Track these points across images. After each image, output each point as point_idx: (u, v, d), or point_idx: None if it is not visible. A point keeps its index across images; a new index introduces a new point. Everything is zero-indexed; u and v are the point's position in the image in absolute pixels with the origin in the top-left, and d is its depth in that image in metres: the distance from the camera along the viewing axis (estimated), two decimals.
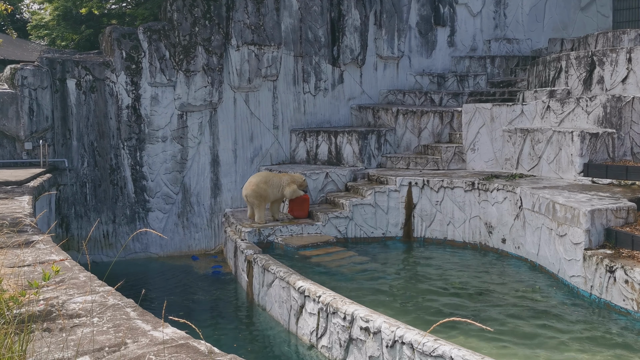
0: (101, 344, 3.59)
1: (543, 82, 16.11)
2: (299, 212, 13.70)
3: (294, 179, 13.32)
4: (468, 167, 15.01)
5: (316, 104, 17.29)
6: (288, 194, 13.16)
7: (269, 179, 13.12)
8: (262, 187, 12.90)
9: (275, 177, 13.27)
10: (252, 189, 12.87)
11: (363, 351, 7.65)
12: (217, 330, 10.23)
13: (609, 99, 12.89)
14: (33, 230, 7.04)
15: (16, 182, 11.03)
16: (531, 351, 7.60)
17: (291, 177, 13.40)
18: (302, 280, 9.36)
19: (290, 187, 13.12)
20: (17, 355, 3.23)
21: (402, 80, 18.60)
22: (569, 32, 20.22)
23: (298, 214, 13.71)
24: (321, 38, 17.22)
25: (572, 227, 9.81)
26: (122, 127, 14.98)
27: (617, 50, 14.06)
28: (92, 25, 18.78)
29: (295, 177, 13.42)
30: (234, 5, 15.92)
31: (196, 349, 3.49)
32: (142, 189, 15.22)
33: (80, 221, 14.70)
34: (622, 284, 8.60)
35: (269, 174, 13.42)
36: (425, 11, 18.88)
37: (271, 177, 13.23)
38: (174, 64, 15.33)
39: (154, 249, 15.31)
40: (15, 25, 26.17)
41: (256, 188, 12.86)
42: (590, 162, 12.25)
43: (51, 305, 4.28)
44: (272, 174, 13.48)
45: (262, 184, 12.90)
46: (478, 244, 13.05)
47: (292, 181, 13.24)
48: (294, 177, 13.43)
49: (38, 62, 14.52)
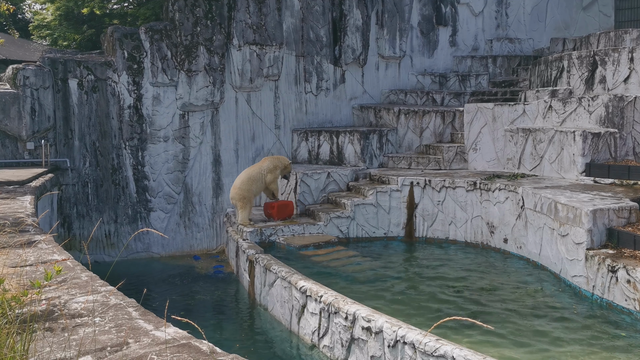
0: (103, 343, 3.60)
1: (545, 81, 16.10)
2: (278, 215, 13.37)
3: (275, 164, 12.93)
4: (470, 167, 15.00)
5: (318, 104, 17.29)
6: (269, 180, 12.93)
7: (250, 174, 12.88)
8: (246, 187, 12.70)
9: (254, 169, 13.01)
10: (236, 192, 12.71)
11: (365, 351, 7.64)
12: (219, 330, 10.24)
13: (611, 99, 12.87)
14: (35, 230, 7.04)
15: (18, 182, 11.04)
16: (533, 351, 7.59)
17: (273, 160, 13.03)
18: (303, 280, 9.36)
19: (272, 173, 12.86)
20: (19, 355, 3.23)
21: (403, 80, 18.59)
22: (571, 31, 20.20)
23: (277, 216, 13.36)
24: (323, 38, 17.21)
25: (574, 227, 9.80)
26: (124, 127, 14.99)
27: (619, 49, 14.04)
28: (93, 25, 18.81)
29: (278, 161, 13.04)
30: (235, 5, 15.93)
31: (198, 348, 3.49)
32: (144, 188, 15.24)
33: (82, 221, 14.72)
34: (624, 284, 8.59)
35: (249, 170, 13.12)
36: (427, 11, 18.87)
37: (251, 171, 12.98)
38: (175, 64, 15.34)
39: (155, 248, 15.32)
40: (17, 25, 26.22)
41: (240, 191, 12.68)
42: (592, 162, 12.23)
43: (53, 305, 4.28)
44: (252, 168, 13.18)
45: (245, 185, 12.72)
46: (480, 244, 13.04)
47: (275, 166, 12.94)
48: (278, 161, 13.02)
49: (40, 62, 14.53)
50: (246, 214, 12.92)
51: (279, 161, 13.23)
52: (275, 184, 13.22)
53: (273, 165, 13.07)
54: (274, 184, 13.18)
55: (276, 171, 13.06)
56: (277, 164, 13.14)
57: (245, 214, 12.89)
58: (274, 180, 13.07)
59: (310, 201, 14.52)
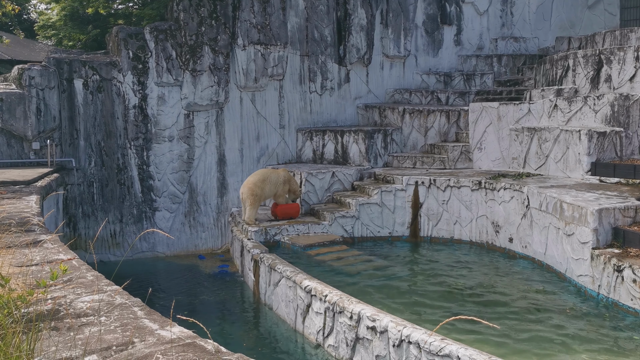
0: (109, 343, 3.60)
1: (550, 80, 16.05)
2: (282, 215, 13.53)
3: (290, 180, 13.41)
4: (475, 166, 14.97)
5: (322, 103, 17.29)
6: (279, 192, 13.30)
7: (268, 176, 13.23)
8: (260, 185, 12.97)
9: (273, 172, 13.40)
10: (248, 188, 12.93)
11: (370, 350, 7.64)
12: (224, 330, 10.25)
13: (617, 98, 12.82)
14: (41, 230, 7.06)
15: (24, 182, 11.08)
16: (538, 350, 7.57)
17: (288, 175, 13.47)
18: (308, 280, 9.36)
19: (285, 185, 13.29)
20: (25, 354, 3.24)
21: (408, 79, 18.56)
22: (576, 30, 20.12)
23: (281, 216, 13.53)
24: (327, 37, 17.21)
25: (579, 226, 9.77)
26: (129, 126, 15.02)
27: (624, 48, 13.98)
28: (98, 25, 18.84)
29: (293, 181, 13.56)
30: (240, 4, 15.94)
31: (203, 348, 3.49)
32: (149, 188, 15.27)
33: (88, 220, 14.76)
34: (630, 283, 8.56)
35: (266, 171, 13.57)
36: (432, 10, 18.83)
37: (269, 173, 13.35)
38: (180, 64, 15.36)
39: (161, 248, 15.35)
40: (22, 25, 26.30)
41: (253, 186, 12.93)
42: (597, 161, 12.19)
43: (59, 304, 4.29)
44: (269, 171, 13.61)
45: (259, 183, 12.99)
46: (485, 244, 13.02)
47: (289, 180, 13.37)
48: (293, 181, 13.53)
49: (45, 62, 14.58)
50: (254, 212, 13.05)
51: (294, 182, 13.63)
52: (282, 198, 13.53)
53: (287, 179, 13.44)
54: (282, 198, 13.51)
55: (285, 186, 13.39)
56: (290, 181, 13.51)
57: (253, 212, 13.00)
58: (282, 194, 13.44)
59: (314, 200, 14.52)
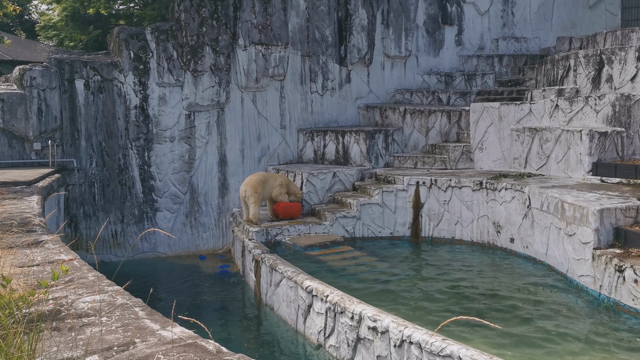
0: (110, 343, 3.61)
1: (551, 81, 16.04)
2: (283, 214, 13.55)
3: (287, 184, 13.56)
4: (476, 166, 14.96)
5: (323, 104, 17.29)
6: (275, 193, 13.44)
7: (267, 178, 13.47)
8: (261, 184, 13.20)
9: (271, 177, 13.63)
10: (250, 186, 13.06)
11: (371, 351, 7.64)
12: (225, 330, 10.25)
13: (618, 98, 12.81)
14: (42, 230, 7.07)
15: (25, 182, 11.08)
16: (539, 350, 7.57)
17: (286, 181, 13.63)
18: (309, 280, 9.36)
19: (280, 188, 13.45)
20: (26, 355, 3.24)
21: (409, 79, 18.56)
22: (578, 30, 20.11)
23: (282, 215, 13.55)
24: (328, 37, 17.21)
25: (581, 227, 9.76)
26: (130, 127, 15.03)
27: (625, 48, 13.97)
28: (100, 25, 18.85)
29: (292, 184, 13.70)
30: (241, 5, 15.94)
31: (204, 348, 3.49)
32: (150, 188, 15.27)
33: (89, 221, 14.77)
34: (632, 283, 8.55)
35: (267, 174, 13.83)
36: (433, 10, 18.83)
37: (268, 177, 13.59)
38: (181, 64, 15.37)
39: (162, 248, 15.35)
40: (23, 26, 26.30)
41: (255, 184, 13.10)
42: (599, 161, 12.18)
43: (60, 304, 4.29)
44: (269, 174, 13.90)
45: (260, 182, 13.20)
46: (486, 244, 13.01)
47: (285, 185, 13.52)
48: (292, 184, 13.69)
49: (46, 63, 14.59)
50: (258, 209, 13.18)
51: (292, 185, 13.73)
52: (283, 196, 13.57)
53: (285, 183, 13.56)
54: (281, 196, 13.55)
55: (282, 189, 13.51)
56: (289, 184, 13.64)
57: (257, 209, 13.13)
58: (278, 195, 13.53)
59: (316, 201, 14.52)
